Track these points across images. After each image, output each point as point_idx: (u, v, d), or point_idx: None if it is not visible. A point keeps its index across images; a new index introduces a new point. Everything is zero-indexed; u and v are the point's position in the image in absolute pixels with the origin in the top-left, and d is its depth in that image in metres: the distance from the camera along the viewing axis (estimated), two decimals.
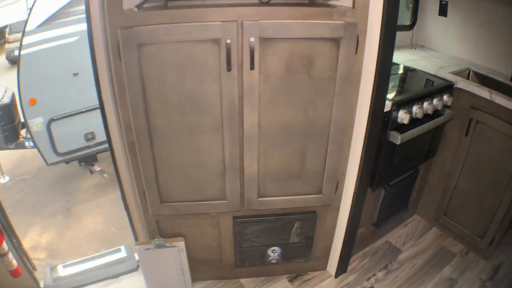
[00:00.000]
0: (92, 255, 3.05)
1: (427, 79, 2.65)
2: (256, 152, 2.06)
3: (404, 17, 3.33)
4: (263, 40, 1.78)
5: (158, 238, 2.39)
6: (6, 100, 3.79)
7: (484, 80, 2.84)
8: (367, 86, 1.99)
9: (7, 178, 4.36)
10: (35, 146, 3.76)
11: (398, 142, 2.24)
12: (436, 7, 3.17)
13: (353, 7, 1.80)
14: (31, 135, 3.69)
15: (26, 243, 3.42)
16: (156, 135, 1.99)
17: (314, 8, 1.78)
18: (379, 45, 1.89)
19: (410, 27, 3.32)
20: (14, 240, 2.61)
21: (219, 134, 2.00)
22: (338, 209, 2.43)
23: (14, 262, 2.36)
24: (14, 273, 2.39)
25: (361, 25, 1.84)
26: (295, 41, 1.80)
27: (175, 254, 2.43)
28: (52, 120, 3.70)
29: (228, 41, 1.76)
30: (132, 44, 1.74)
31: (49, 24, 3.53)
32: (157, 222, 2.37)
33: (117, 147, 2.12)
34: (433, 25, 3.28)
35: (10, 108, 3.76)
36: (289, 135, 2.04)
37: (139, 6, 1.73)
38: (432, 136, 2.71)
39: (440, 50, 3.28)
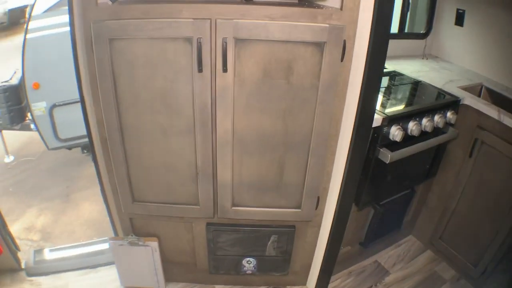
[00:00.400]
0: (80, 243, 3.02)
1: (431, 93, 2.42)
2: (230, 159, 1.90)
3: (418, 24, 3.09)
4: (238, 41, 1.61)
5: (132, 235, 2.29)
6: (15, 81, 3.74)
7: (497, 98, 2.59)
8: (353, 97, 1.80)
9: (11, 158, 4.33)
10: (37, 129, 3.71)
11: (387, 160, 2.03)
12: (452, 16, 2.91)
13: (341, 8, 1.61)
14: (33, 118, 3.63)
15: (22, 224, 3.44)
16: (127, 132, 1.87)
17: (296, 8, 1.60)
18: (368, 52, 1.69)
19: (424, 35, 3.07)
20: None
21: (191, 137, 1.85)
22: (319, 226, 2.25)
23: None
24: None
25: (349, 29, 1.64)
26: (273, 44, 1.63)
27: (148, 253, 2.33)
28: (54, 106, 3.62)
29: (200, 40, 1.60)
30: (103, 38, 1.63)
31: (56, 9, 3.44)
32: (131, 220, 2.27)
33: (96, 141, 2.01)
34: (448, 34, 3.02)
35: (17, 89, 3.70)
36: (266, 144, 1.87)
37: (113, 0, 1.61)
38: (434, 155, 2.47)
39: (453, 62, 3.02)
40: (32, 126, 3.92)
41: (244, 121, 1.80)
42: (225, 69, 1.65)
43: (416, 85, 2.52)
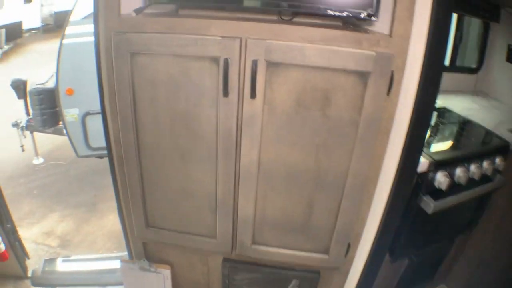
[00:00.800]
0: (95, 255, 2.88)
1: (481, 135, 2.10)
2: (253, 193, 1.65)
3: (470, 58, 2.77)
4: (270, 65, 1.38)
5: (144, 260, 2.09)
6: (50, 84, 3.64)
7: None
8: (399, 136, 1.53)
9: (41, 160, 4.25)
10: (67, 136, 3.58)
11: (430, 210, 1.73)
12: (504, 52, 2.60)
13: (390, 35, 1.36)
14: (64, 124, 3.50)
15: (41, 228, 3.35)
16: (144, 153, 1.68)
17: (338, 31, 1.35)
18: (419, 86, 1.43)
19: (475, 70, 2.75)
20: (8, 226, 2.50)
21: (212, 165, 1.63)
22: (346, 274, 1.94)
23: (2, 246, 2.33)
24: (0, 257, 2.36)
25: (398, 59, 1.38)
26: (310, 70, 1.38)
27: (160, 280, 2.13)
28: (87, 114, 3.48)
29: (227, 60, 1.37)
30: (124, 51, 1.46)
31: None
32: (144, 244, 2.06)
33: (114, 158, 1.82)
34: (499, 71, 2.69)
35: (52, 93, 3.58)
36: (295, 180, 1.61)
37: (138, 11, 1.44)
38: (477, 204, 2.14)
39: (504, 101, 2.68)
40: (65, 131, 3.81)
41: (272, 153, 1.56)
42: (253, 95, 1.42)
43: (465, 125, 2.22)
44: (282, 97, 1.44)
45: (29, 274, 2.60)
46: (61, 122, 3.80)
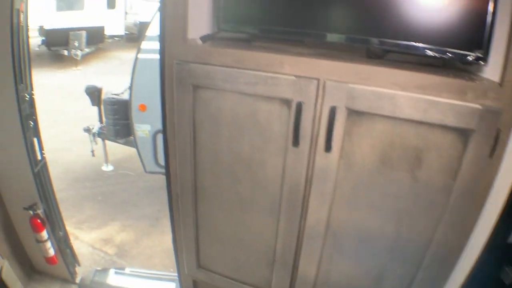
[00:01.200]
0: (151, 271, 2.72)
1: None
2: (318, 254, 1.42)
3: None
4: (352, 113, 1.15)
5: None
6: (126, 96, 3.63)
7: None
8: (495, 206, 1.21)
9: (110, 167, 4.26)
10: (137, 150, 3.54)
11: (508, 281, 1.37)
12: None
13: (500, 84, 1.06)
14: (134, 138, 3.46)
15: (100, 234, 3.30)
16: (201, 193, 1.53)
17: (437, 77, 1.09)
18: None
19: None
20: (60, 233, 2.51)
21: (274, 218, 1.43)
22: None
23: (51, 251, 2.34)
24: (49, 260, 2.39)
25: (507, 115, 1.07)
26: (400, 123, 1.13)
27: None
28: (159, 131, 3.42)
29: (301, 105, 1.16)
30: (186, 83, 1.31)
31: None
32: (194, 282, 1.91)
33: (173, 192, 1.66)
34: None
35: (127, 105, 3.57)
36: (367, 246, 1.36)
37: (204, 39, 1.26)
38: None
39: None
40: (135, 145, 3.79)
41: (344, 214, 1.32)
42: (328, 148, 1.19)
43: None
44: (363, 152, 1.20)
45: (77, 280, 2.56)
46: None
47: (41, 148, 2.24)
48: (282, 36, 1.28)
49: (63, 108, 6.03)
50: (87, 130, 3.99)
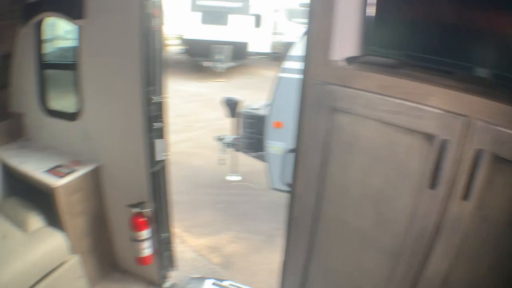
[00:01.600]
0: None
1: None
2: None
3: None
4: (498, 160, 1.02)
5: None
6: (263, 112, 3.73)
7: None
8: None
9: (235, 178, 4.36)
10: (266, 165, 3.59)
11: None
12: None
13: None
14: (266, 154, 3.53)
15: (210, 241, 3.33)
16: (321, 222, 1.48)
17: None
18: None
19: None
20: (163, 235, 2.48)
21: (392, 260, 1.32)
22: None
23: (146, 251, 2.29)
24: (141, 260, 2.33)
25: None
26: None
27: None
28: (291, 150, 3.46)
29: (446, 143, 1.07)
30: (324, 105, 1.30)
31: None
32: None
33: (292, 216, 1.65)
34: None
35: (264, 120, 3.64)
36: None
37: (351, 60, 1.23)
38: None
39: None
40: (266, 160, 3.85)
41: (466, 271, 1.17)
42: (467, 196, 1.06)
43: None
44: (503, 205, 1.05)
45: (167, 285, 2.55)
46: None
47: (164, 150, 2.24)
48: (430, 64, 1.19)
49: (199, 116, 6.34)
50: (220, 139, 4.18)
